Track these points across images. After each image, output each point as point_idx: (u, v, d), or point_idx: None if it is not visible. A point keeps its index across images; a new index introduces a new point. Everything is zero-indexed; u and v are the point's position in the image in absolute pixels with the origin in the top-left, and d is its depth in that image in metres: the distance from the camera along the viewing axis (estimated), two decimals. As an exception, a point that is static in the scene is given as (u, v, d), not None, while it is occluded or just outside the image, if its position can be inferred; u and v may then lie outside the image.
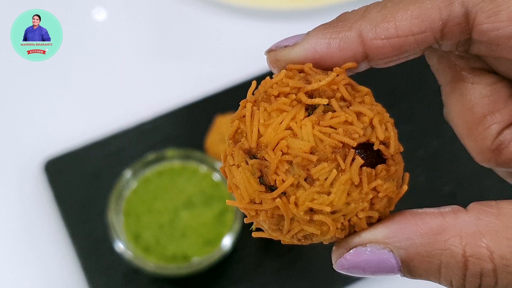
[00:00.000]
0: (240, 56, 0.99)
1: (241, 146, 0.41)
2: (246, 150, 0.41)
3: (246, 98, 0.42)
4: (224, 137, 0.88)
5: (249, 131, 0.41)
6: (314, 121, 0.40)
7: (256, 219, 0.42)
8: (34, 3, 1.06)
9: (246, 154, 0.41)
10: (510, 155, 0.47)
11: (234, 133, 0.42)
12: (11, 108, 1.01)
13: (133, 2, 1.14)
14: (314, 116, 0.40)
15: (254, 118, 0.41)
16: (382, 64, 0.45)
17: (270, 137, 0.40)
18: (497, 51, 0.43)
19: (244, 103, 0.42)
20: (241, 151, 0.41)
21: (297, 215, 0.40)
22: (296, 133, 0.40)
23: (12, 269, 0.89)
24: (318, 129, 0.40)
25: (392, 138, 0.41)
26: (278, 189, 0.40)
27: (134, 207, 0.86)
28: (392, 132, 0.41)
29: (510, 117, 0.46)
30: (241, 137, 0.41)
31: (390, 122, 0.42)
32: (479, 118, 0.47)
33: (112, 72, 1.06)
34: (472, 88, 0.47)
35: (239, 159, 0.41)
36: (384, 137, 0.41)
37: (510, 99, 0.46)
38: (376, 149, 0.41)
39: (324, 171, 0.39)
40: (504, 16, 0.41)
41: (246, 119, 0.41)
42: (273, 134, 0.40)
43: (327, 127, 0.40)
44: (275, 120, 0.40)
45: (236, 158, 0.41)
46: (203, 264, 0.82)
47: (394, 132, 0.42)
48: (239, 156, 0.41)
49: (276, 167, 0.40)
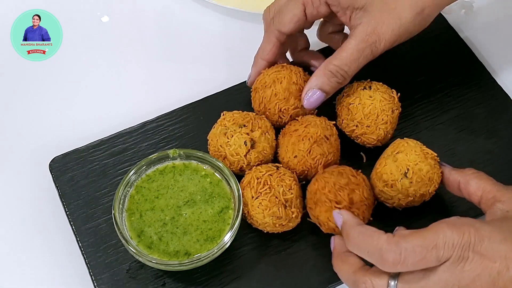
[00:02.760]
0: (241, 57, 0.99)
1: None
2: None
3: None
4: (227, 130, 0.90)
5: None
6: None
7: None
8: (34, 3, 1.06)
9: None
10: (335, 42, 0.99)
11: None
12: (12, 108, 1.02)
13: (135, 2, 1.14)
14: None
15: None
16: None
17: None
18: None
19: None
20: None
21: None
22: None
23: (17, 265, 0.90)
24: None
25: None
26: None
27: (137, 205, 0.87)
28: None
29: (338, 27, 0.98)
30: None
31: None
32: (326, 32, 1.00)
33: (114, 72, 1.06)
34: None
35: None
36: None
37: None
38: None
39: None
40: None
41: None
42: None
43: None
44: None
45: None
46: (204, 260, 0.84)
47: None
48: None
49: None
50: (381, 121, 0.91)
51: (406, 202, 0.87)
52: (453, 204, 0.91)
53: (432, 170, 0.86)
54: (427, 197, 0.87)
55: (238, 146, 0.88)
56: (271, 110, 0.93)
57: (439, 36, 1.06)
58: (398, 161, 0.86)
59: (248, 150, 0.89)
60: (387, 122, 0.91)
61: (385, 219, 0.90)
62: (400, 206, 0.88)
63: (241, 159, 0.89)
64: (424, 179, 0.85)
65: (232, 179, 0.87)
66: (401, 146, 0.87)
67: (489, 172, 0.93)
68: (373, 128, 0.91)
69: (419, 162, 0.86)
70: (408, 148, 0.87)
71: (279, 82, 0.92)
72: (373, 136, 0.91)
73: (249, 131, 0.89)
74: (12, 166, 0.97)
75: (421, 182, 0.85)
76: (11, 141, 1.00)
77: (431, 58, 1.05)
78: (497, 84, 1.02)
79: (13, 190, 0.95)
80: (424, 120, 0.99)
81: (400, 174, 0.86)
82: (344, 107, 0.93)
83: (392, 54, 1.04)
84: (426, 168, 0.86)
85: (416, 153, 0.86)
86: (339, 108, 0.94)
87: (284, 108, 0.92)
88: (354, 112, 0.91)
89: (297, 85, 0.92)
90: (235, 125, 0.89)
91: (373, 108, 0.90)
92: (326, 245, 0.87)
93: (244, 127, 0.89)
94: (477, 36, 1.09)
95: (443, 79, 1.02)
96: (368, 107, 0.91)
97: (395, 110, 0.92)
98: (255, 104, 0.94)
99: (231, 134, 0.89)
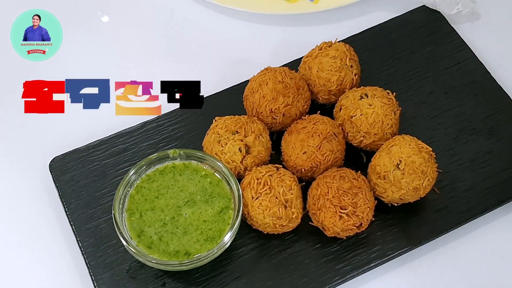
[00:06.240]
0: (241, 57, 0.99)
1: None
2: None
3: None
4: (220, 138, 0.90)
5: None
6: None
7: None
8: (34, 3, 1.06)
9: None
10: None
11: None
12: (13, 108, 1.02)
13: (135, 2, 1.14)
14: None
15: None
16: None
17: None
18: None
19: None
20: None
21: None
22: None
23: (18, 265, 0.91)
24: None
25: None
26: None
27: (137, 205, 0.87)
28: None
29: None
30: None
31: None
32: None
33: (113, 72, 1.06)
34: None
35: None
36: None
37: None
38: None
39: None
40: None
41: None
42: None
43: None
44: None
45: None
46: (204, 260, 0.84)
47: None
48: None
49: None
50: (387, 126, 0.91)
51: (399, 195, 0.87)
52: (453, 204, 0.91)
53: (426, 163, 0.86)
54: (421, 192, 0.87)
55: (233, 153, 0.89)
56: (263, 113, 0.93)
57: (439, 36, 1.06)
58: (391, 153, 0.87)
59: (243, 156, 0.89)
60: (392, 125, 0.91)
61: (385, 219, 0.90)
62: (395, 200, 0.88)
63: (238, 165, 0.89)
64: (417, 171, 0.86)
65: (232, 179, 0.87)
66: (397, 140, 0.88)
67: (489, 172, 0.94)
68: (380, 135, 0.91)
69: (412, 155, 0.86)
70: (404, 142, 0.87)
71: (265, 84, 0.92)
72: (381, 141, 0.91)
73: (243, 137, 0.89)
74: (12, 166, 0.97)
75: (413, 174, 0.86)
76: (11, 141, 1.00)
77: (431, 58, 1.05)
78: (497, 84, 1.02)
79: (13, 190, 0.95)
80: (424, 120, 0.99)
81: (392, 166, 0.86)
82: (346, 120, 0.92)
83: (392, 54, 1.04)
84: (419, 161, 0.86)
85: (411, 146, 0.86)
86: (339, 123, 0.93)
87: (274, 108, 0.92)
88: (359, 124, 0.91)
89: (283, 83, 0.92)
90: (228, 132, 0.89)
91: (376, 116, 0.91)
92: (326, 246, 0.88)
93: (237, 133, 0.89)
94: (477, 36, 1.09)
95: (443, 79, 1.02)
96: (371, 116, 0.91)
97: (396, 111, 0.92)
98: (248, 111, 0.95)
99: (225, 142, 0.89)
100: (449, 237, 0.91)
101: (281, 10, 1.08)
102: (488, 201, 0.92)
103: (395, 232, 0.89)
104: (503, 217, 0.93)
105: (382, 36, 1.07)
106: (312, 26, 1.03)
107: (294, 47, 1.05)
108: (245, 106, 0.95)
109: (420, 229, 0.90)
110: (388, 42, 1.06)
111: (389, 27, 1.08)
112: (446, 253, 0.91)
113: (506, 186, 0.93)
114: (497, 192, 0.92)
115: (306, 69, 0.96)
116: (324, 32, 1.08)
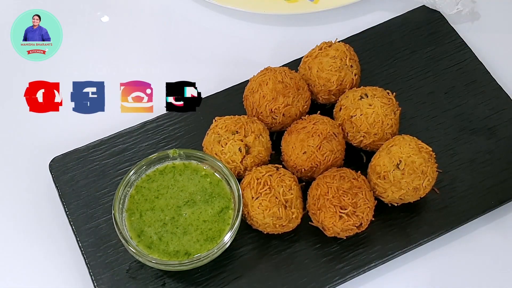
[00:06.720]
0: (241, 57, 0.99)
1: None
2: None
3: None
4: (220, 138, 0.90)
5: None
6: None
7: None
8: (34, 3, 1.06)
9: None
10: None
11: None
12: (13, 108, 1.02)
13: (135, 2, 1.14)
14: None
15: None
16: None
17: None
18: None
19: None
20: None
21: None
22: None
23: (18, 264, 0.91)
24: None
25: None
26: None
27: (137, 205, 0.87)
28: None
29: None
30: None
31: None
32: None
33: (113, 72, 1.06)
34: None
35: None
36: None
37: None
38: None
39: None
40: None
41: None
42: None
43: None
44: None
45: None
46: (204, 260, 0.84)
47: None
48: None
49: None
50: (387, 126, 0.91)
51: (399, 195, 0.87)
52: (453, 204, 0.91)
53: (426, 163, 0.86)
54: (421, 192, 0.87)
55: (233, 153, 0.89)
56: (263, 113, 0.93)
57: (439, 36, 1.07)
58: (391, 153, 0.87)
59: (243, 156, 0.89)
60: (392, 125, 0.91)
61: (385, 219, 0.90)
62: (395, 200, 0.88)
63: (238, 165, 0.89)
64: (417, 171, 0.86)
65: (232, 179, 0.87)
66: (397, 140, 0.88)
67: (489, 172, 0.94)
68: (380, 135, 0.91)
69: (412, 155, 0.86)
70: (403, 142, 0.87)
71: (265, 84, 0.92)
72: (381, 141, 0.91)
73: (243, 137, 0.89)
74: (12, 166, 0.98)
75: (413, 174, 0.86)
76: (11, 141, 1.00)
77: (431, 58, 1.05)
78: (497, 84, 1.02)
79: (13, 190, 0.96)
80: (424, 120, 0.99)
81: (392, 166, 0.86)
82: (346, 120, 0.93)
83: (392, 54, 1.04)
84: (419, 161, 0.86)
85: (411, 146, 0.87)
86: (339, 123, 0.93)
87: (274, 108, 0.92)
88: (359, 124, 0.91)
89: (283, 83, 0.92)
90: (228, 132, 0.90)
91: (376, 116, 0.91)
92: (326, 246, 0.88)
93: (236, 133, 0.89)
94: (477, 36, 1.09)
95: (443, 79, 1.03)
96: (371, 116, 0.91)
97: (396, 111, 0.92)
98: (248, 111, 0.95)
99: (224, 142, 0.89)
100: (449, 237, 0.91)
101: (281, 10, 1.09)
102: (488, 201, 0.92)
103: (395, 232, 0.89)
104: (503, 217, 0.93)
105: (382, 36, 1.07)
106: (312, 26, 1.03)
107: (294, 47, 1.05)
108: (245, 106, 0.95)
109: (420, 229, 0.90)
110: (388, 42, 1.06)
111: (389, 27, 1.08)
112: (446, 253, 0.91)
113: (506, 186, 0.93)
114: (497, 192, 0.93)
115: (306, 69, 0.96)
116: (324, 32, 1.08)
